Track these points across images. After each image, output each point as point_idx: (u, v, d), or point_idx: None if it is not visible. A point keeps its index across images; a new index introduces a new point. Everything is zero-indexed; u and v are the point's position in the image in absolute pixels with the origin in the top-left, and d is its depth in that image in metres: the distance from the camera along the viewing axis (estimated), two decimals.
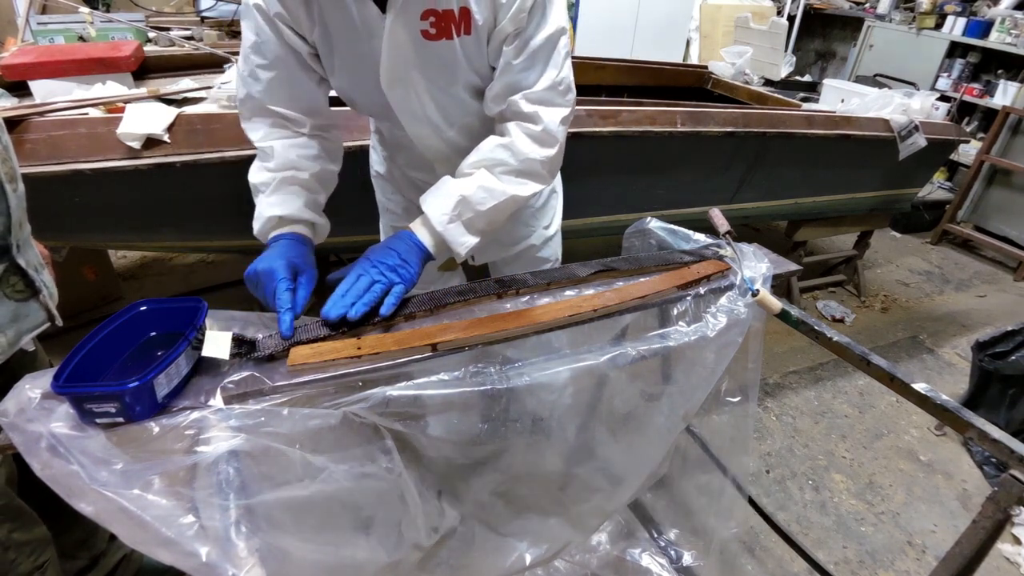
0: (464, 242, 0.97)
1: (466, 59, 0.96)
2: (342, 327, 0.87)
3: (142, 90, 1.77)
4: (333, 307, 0.86)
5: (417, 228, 0.98)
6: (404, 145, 1.14)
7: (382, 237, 1.40)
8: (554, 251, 1.40)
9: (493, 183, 0.97)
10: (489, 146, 0.99)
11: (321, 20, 0.92)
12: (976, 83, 4.21)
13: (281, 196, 0.99)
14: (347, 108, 1.11)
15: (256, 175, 1.01)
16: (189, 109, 1.65)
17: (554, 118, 0.98)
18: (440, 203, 0.96)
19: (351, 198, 1.35)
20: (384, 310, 0.89)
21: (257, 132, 1.01)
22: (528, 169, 0.99)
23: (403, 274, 0.93)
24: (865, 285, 3.16)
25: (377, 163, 1.34)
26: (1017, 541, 1.82)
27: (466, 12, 0.90)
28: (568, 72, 0.98)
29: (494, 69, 0.99)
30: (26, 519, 1.10)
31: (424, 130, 1.06)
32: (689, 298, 1.04)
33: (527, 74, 0.95)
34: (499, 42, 0.94)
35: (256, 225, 0.99)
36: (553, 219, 1.37)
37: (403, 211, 1.33)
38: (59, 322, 1.05)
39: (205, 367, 0.78)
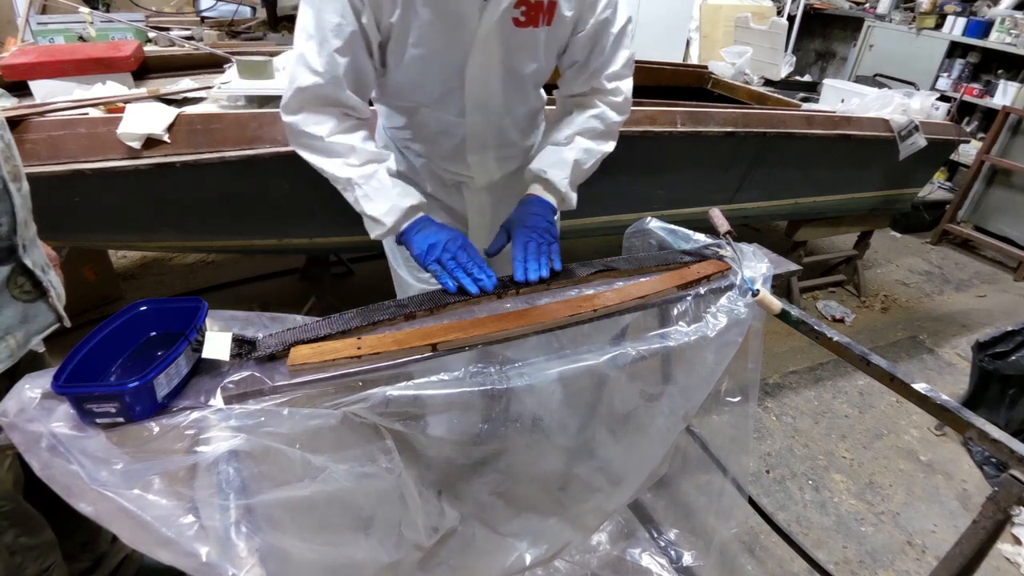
0: (574, 198, 1.18)
1: (545, 48, 1.05)
2: (515, 287, 1.03)
3: (142, 90, 1.77)
4: (527, 272, 1.03)
5: (542, 193, 1.14)
6: (450, 133, 1.14)
7: None
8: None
9: (591, 145, 1.17)
10: (582, 118, 1.17)
11: (405, 2, 0.93)
12: (976, 83, 4.21)
13: (401, 187, 1.06)
14: None
15: (342, 170, 1.02)
16: (189, 109, 1.65)
17: (629, 86, 1.18)
18: (560, 170, 1.14)
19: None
20: (556, 266, 1.07)
21: (323, 126, 1.00)
22: (611, 130, 1.19)
23: (554, 232, 1.11)
24: (865, 285, 3.15)
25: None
26: (1017, 541, 1.82)
27: (553, 4, 0.99)
28: (632, 47, 1.15)
29: (559, 58, 1.11)
30: (33, 523, 1.09)
31: (481, 116, 1.12)
32: (689, 298, 1.04)
33: (610, 58, 1.11)
34: (592, 34, 1.06)
35: (390, 217, 1.03)
36: None
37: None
38: (67, 323, 1.04)
39: (205, 367, 0.79)
